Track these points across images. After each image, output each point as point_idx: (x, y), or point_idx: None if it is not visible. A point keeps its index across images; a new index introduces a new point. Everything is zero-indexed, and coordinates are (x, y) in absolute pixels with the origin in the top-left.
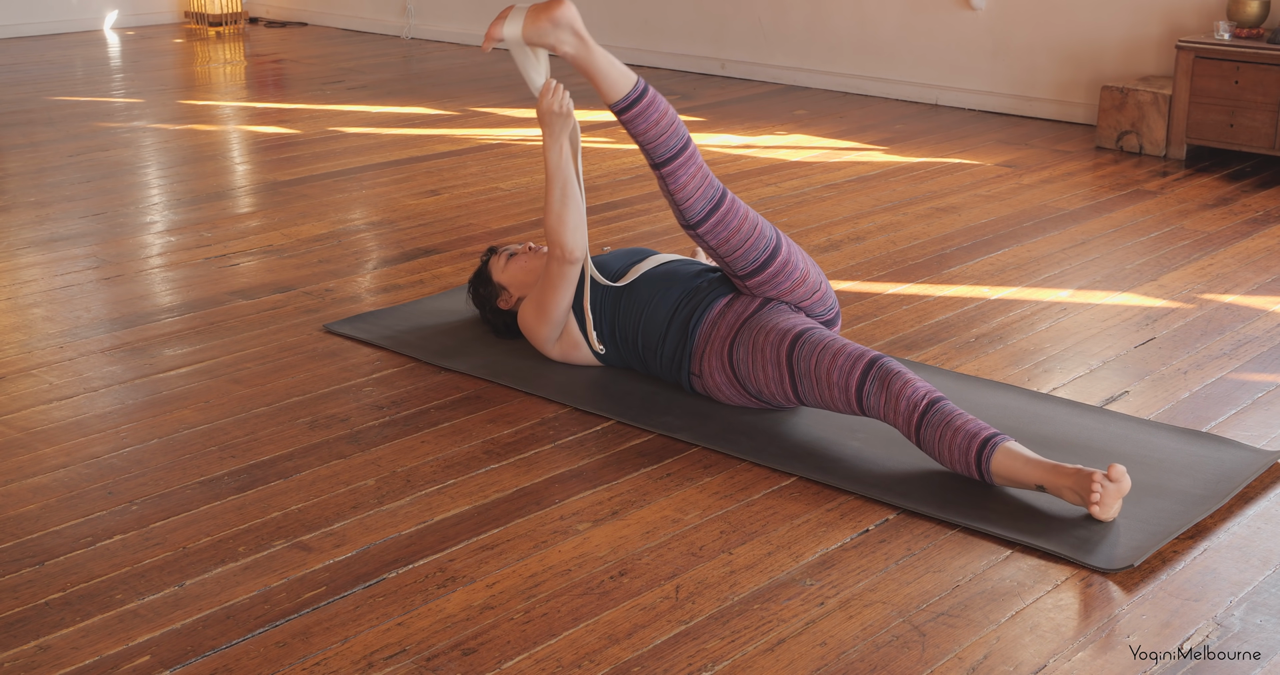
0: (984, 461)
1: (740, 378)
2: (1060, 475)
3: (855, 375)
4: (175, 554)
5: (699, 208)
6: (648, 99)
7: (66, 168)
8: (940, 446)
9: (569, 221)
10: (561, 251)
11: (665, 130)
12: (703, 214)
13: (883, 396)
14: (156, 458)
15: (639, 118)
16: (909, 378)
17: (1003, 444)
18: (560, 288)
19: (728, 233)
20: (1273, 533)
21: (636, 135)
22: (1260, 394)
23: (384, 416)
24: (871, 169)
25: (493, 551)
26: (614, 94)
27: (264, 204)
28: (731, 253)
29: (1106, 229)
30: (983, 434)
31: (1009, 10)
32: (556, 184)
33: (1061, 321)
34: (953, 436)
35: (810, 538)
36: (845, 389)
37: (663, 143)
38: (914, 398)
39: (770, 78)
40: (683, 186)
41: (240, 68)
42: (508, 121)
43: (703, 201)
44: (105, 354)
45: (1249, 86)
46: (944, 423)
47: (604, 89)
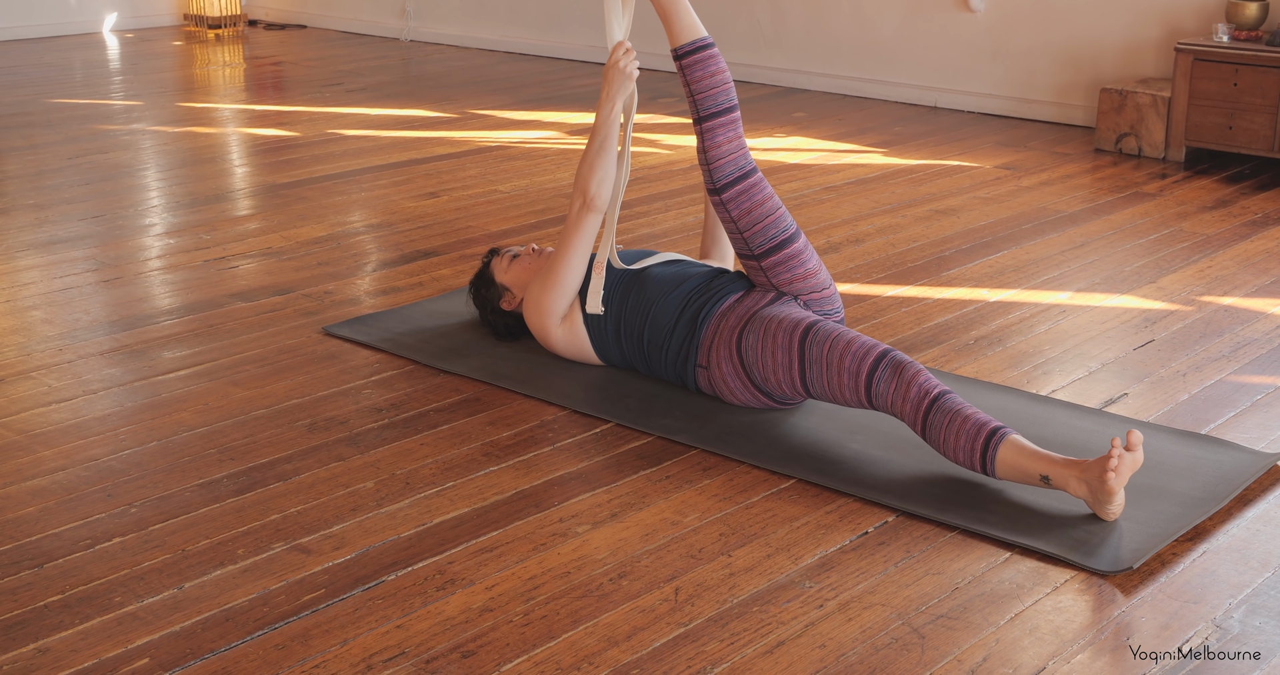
0: (990, 450)
1: (747, 366)
2: (1068, 466)
3: (868, 362)
4: (174, 556)
5: (728, 172)
6: (711, 52)
7: (65, 170)
8: (946, 434)
9: (598, 171)
10: (584, 196)
11: (718, 85)
12: (731, 178)
13: (894, 383)
14: (155, 460)
15: (698, 65)
16: (921, 368)
17: (1010, 436)
18: (579, 238)
19: (751, 204)
20: (1272, 535)
21: (692, 83)
22: (1259, 396)
23: (383, 419)
24: (871, 171)
25: (492, 554)
26: (685, 36)
27: (263, 206)
28: (750, 227)
29: (1105, 231)
30: (991, 425)
31: (1008, 13)
32: (599, 137)
33: (1060, 324)
34: (961, 426)
35: (809, 540)
36: (856, 375)
37: (712, 97)
38: (925, 385)
39: (769, 80)
40: (718, 145)
41: (239, 70)
42: (507, 124)
43: (733, 167)
44: (104, 356)
45: (1248, 89)
46: (953, 411)
47: (676, 30)
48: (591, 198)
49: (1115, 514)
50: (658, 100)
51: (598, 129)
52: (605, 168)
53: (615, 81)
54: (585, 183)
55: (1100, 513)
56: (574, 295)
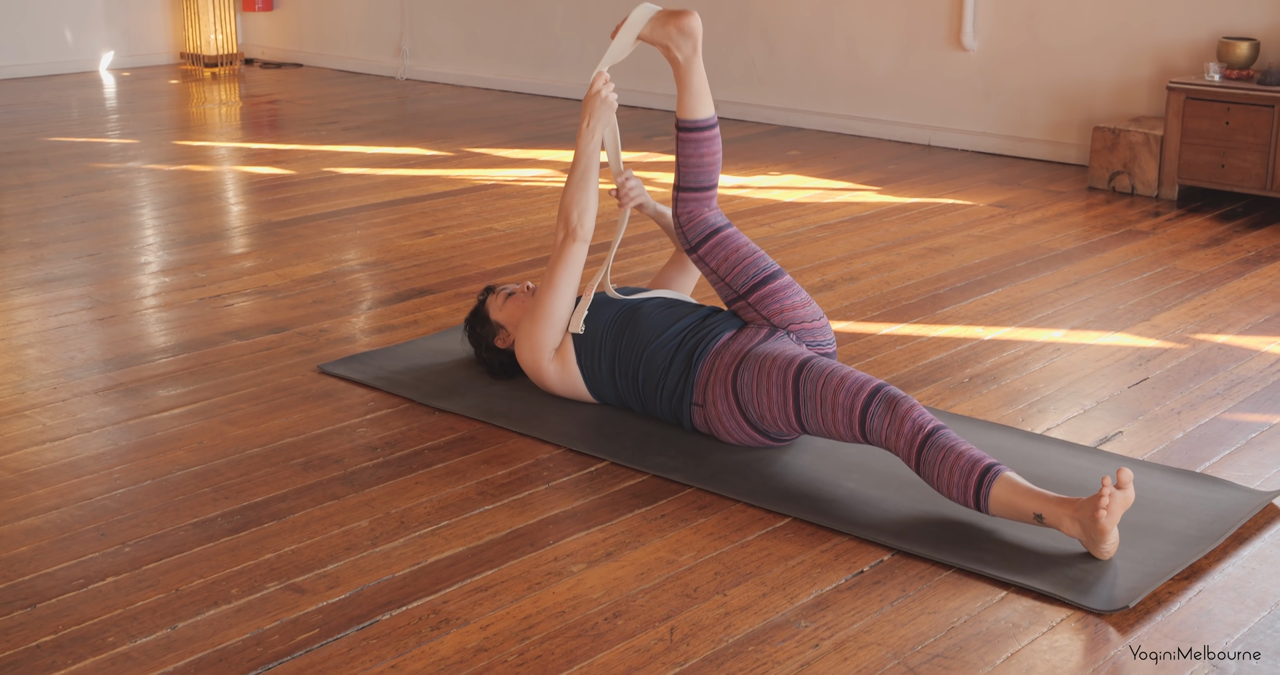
0: (984, 487)
1: (743, 404)
2: (1061, 505)
3: (861, 397)
4: (168, 596)
5: (700, 231)
6: (711, 133)
7: (61, 208)
8: (940, 470)
9: (580, 202)
10: (567, 226)
11: (705, 165)
12: (703, 236)
13: (887, 418)
14: (150, 499)
15: (695, 143)
16: (915, 403)
17: (1004, 473)
18: (565, 270)
19: (725, 252)
20: (1268, 574)
21: (683, 155)
22: (1254, 434)
23: (378, 457)
24: (865, 209)
25: (487, 593)
26: (693, 112)
27: (259, 244)
28: (730, 271)
29: (1099, 269)
30: (985, 461)
31: (1001, 52)
32: (580, 167)
33: (1055, 362)
34: (955, 461)
35: (805, 579)
36: (850, 411)
37: (696, 174)
38: (919, 420)
39: (764, 118)
40: (689, 212)
41: (235, 108)
42: (502, 162)
43: (704, 227)
44: (99, 395)
45: (1240, 127)
46: (947, 447)
47: (688, 103)
48: (575, 228)
49: (1110, 553)
50: (653, 139)
51: (578, 159)
52: (587, 198)
53: (596, 110)
54: (568, 213)
55: (1094, 552)
56: (564, 328)
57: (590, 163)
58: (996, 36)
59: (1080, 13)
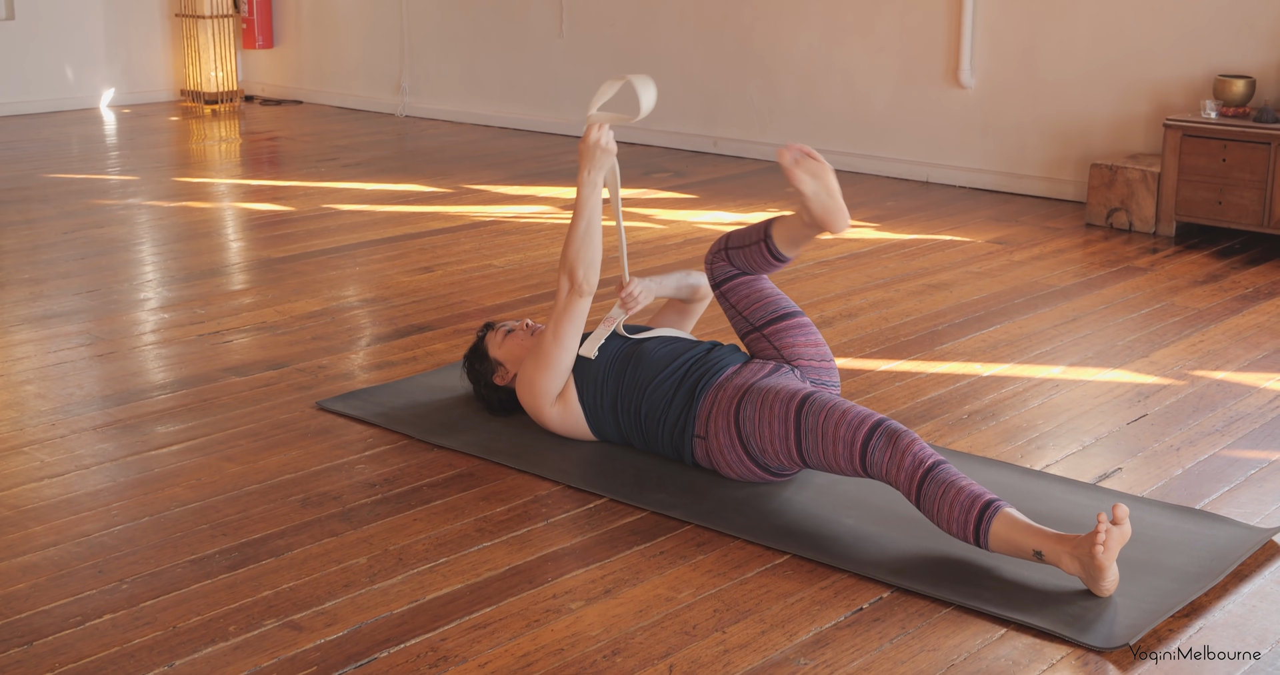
0: (984, 523)
1: (744, 437)
2: (1061, 542)
3: (863, 431)
4: (165, 633)
5: (729, 272)
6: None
7: (61, 245)
8: (941, 504)
9: (584, 257)
10: (571, 281)
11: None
12: (729, 276)
13: (889, 452)
14: (147, 536)
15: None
16: (916, 437)
17: (1004, 509)
18: (568, 322)
19: (750, 291)
20: (1268, 611)
21: (743, 267)
22: (1253, 471)
23: (376, 494)
24: (863, 246)
25: (485, 630)
26: (789, 251)
27: (258, 281)
28: (750, 306)
29: (1097, 305)
30: (985, 497)
31: (998, 89)
32: (583, 218)
33: (1054, 398)
34: (955, 496)
35: (804, 616)
36: (851, 445)
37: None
38: (920, 455)
39: (762, 155)
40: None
41: (235, 145)
42: (501, 199)
43: (734, 271)
44: (97, 431)
45: (1236, 164)
46: (947, 482)
47: (793, 237)
48: (580, 283)
49: (1110, 590)
50: (651, 175)
51: (580, 209)
52: (591, 250)
53: (595, 158)
54: (572, 268)
55: (1094, 589)
56: (567, 375)
57: (593, 214)
58: (994, 74)
59: (1077, 50)
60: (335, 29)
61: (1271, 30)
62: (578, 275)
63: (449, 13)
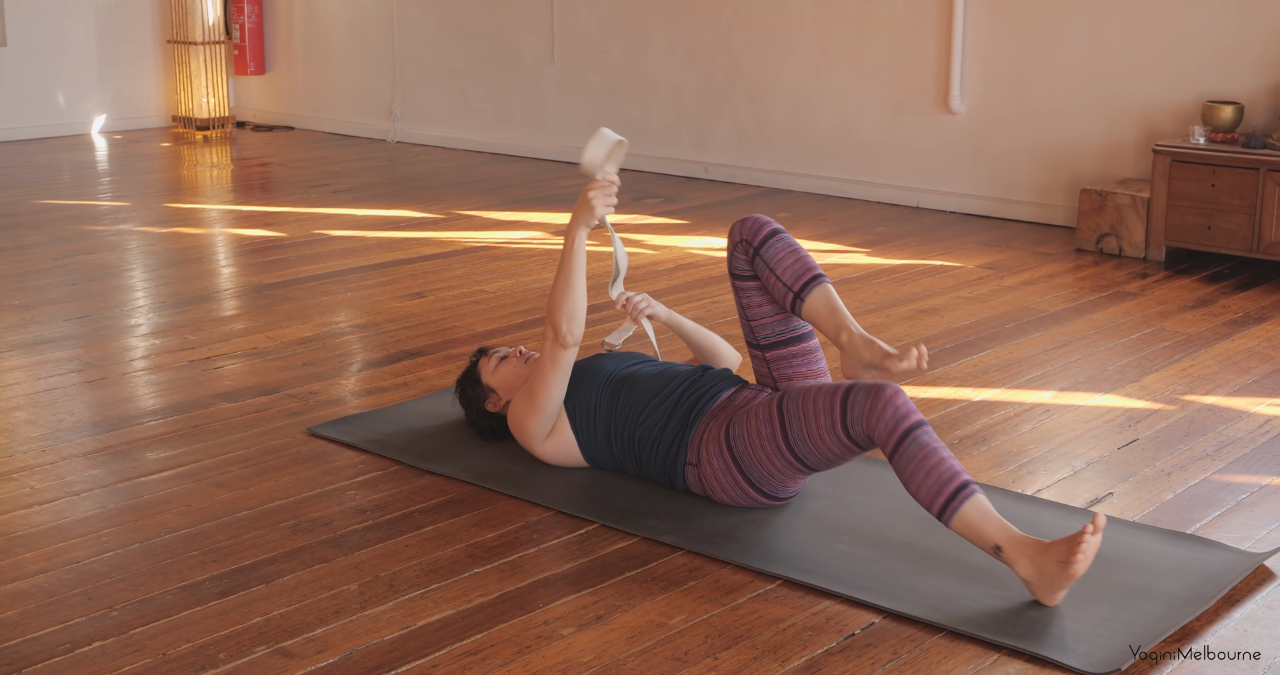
0: (955, 501)
1: (737, 455)
2: (1025, 544)
3: (840, 392)
4: (155, 661)
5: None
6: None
7: (52, 270)
8: (917, 469)
9: (566, 308)
10: (555, 333)
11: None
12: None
13: (869, 403)
14: (138, 562)
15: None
16: (898, 389)
17: (978, 495)
18: (554, 372)
19: (761, 297)
20: (1260, 636)
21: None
22: (1244, 495)
23: (367, 520)
24: (854, 271)
25: (476, 657)
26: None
27: (249, 307)
28: (760, 318)
29: (1088, 330)
30: (963, 477)
31: (988, 114)
32: (565, 271)
33: (1044, 423)
34: (935, 466)
35: (796, 642)
36: (831, 412)
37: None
38: (903, 409)
39: (753, 181)
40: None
41: (227, 171)
42: (492, 224)
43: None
44: (87, 458)
45: (1225, 190)
46: (929, 448)
47: (818, 324)
48: (564, 335)
49: (1058, 600)
50: (643, 201)
51: (563, 262)
52: (574, 303)
53: (583, 212)
54: (556, 321)
55: (1045, 598)
56: (555, 418)
57: (576, 265)
58: (984, 100)
59: (1066, 76)
60: (327, 55)
61: (1259, 56)
62: (561, 328)
63: (441, 38)
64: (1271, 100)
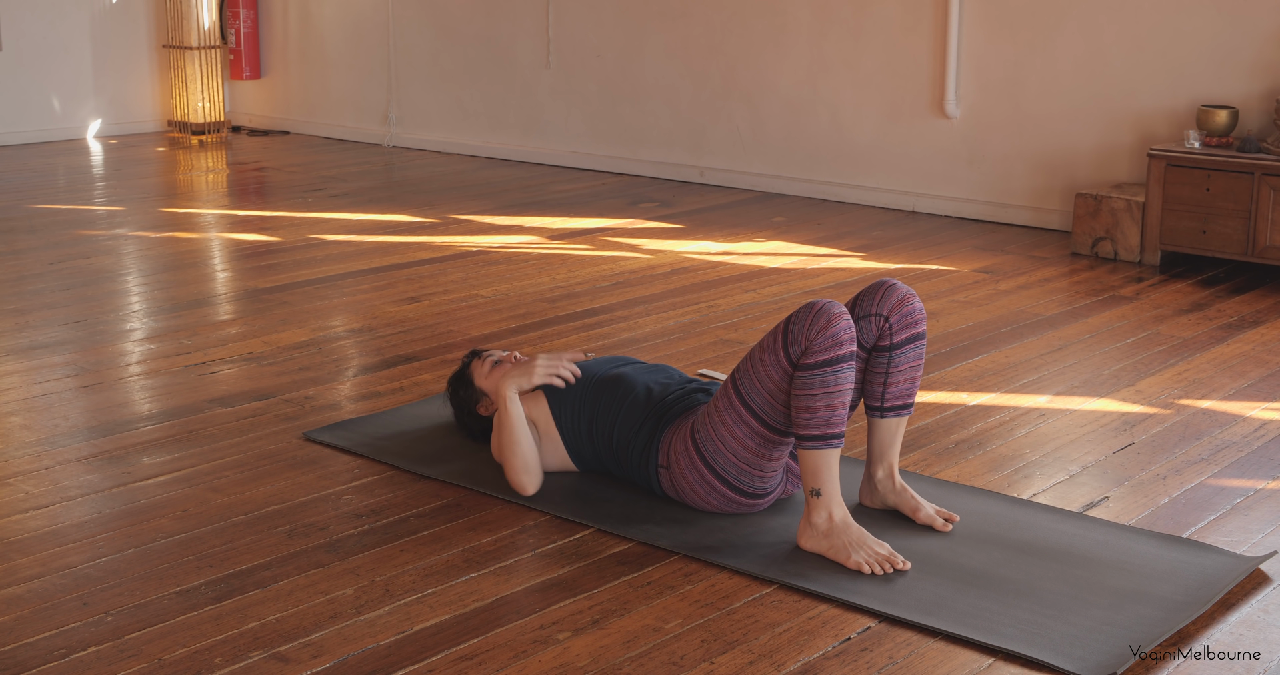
0: (816, 442)
1: (701, 447)
2: (840, 506)
3: (780, 324)
4: (150, 665)
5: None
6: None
7: (47, 275)
8: (812, 401)
9: (518, 465)
10: (517, 483)
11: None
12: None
13: (809, 318)
14: (133, 567)
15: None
16: (844, 312)
17: (839, 448)
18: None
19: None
20: (1255, 640)
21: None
22: (1239, 499)
23: (363, 525)
24: (850, 275)
25: (472, 662)
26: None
27: (244, 311)
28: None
29: (1083, 334)
30: (841, 428)
31: (984, 119)
32: (507, 430)
33: (1040, 427)
34: (836, 407)
35: (792, 646)
36: (774, 346)
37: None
38: (843, 335)
39: (749, 185)
40: None
41: (222, 176)
42: (488, 229)
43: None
44: (83, 462)
45: (1220, 194)
46: (842, 388)
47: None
48: (522, 487)
49: (807, 549)
50: (638, 205)
51: (502, 423)
52: (525, 458)
53: (520, 375)
54: (516, 481)
55: (846, 561)
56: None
57: (514, 422)
58: (979, 104)
59: (1061, 81)
60: (322, 60)
61: (1254, 61)
62: (524, 485)
63: (436, 43)
64: (1266, 104)
